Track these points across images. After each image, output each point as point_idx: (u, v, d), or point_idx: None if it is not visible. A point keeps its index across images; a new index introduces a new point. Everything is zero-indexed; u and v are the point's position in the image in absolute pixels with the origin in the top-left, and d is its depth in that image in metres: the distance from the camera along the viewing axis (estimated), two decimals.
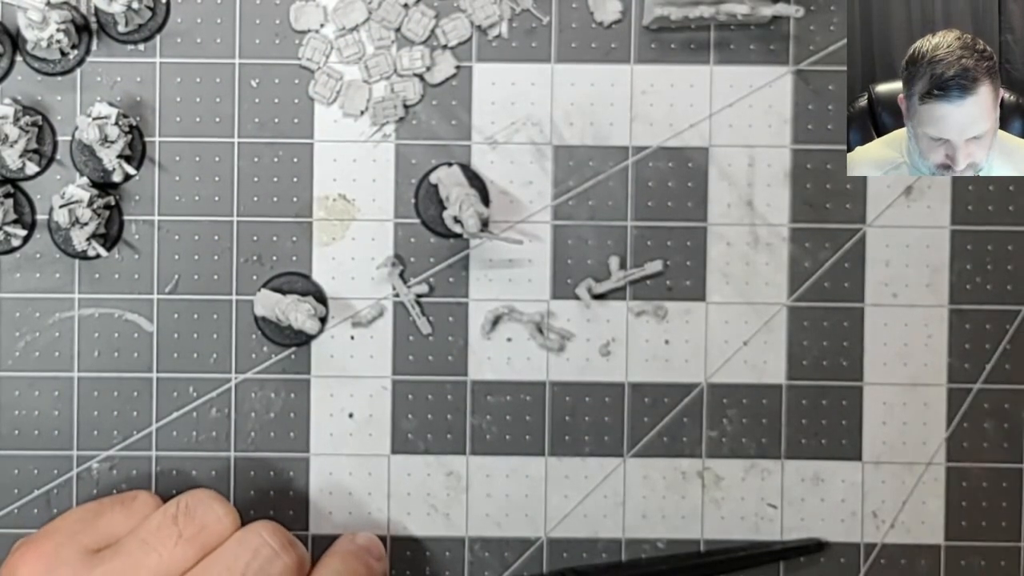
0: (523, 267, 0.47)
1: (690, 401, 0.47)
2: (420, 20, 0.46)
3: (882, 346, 0.47)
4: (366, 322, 0.47)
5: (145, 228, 0.47)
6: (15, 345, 0.47)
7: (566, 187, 0.47)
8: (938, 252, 0.47)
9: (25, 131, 0.45)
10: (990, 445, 0.47)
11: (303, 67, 0.47)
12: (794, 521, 0.47)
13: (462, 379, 0.47)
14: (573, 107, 0.47)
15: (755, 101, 0.47)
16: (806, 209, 0.47)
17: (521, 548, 0.47)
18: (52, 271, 0.47)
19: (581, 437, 0.47)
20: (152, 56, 0.46)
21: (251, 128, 0.47)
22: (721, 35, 0.47)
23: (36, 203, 0.46)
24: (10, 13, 0.46)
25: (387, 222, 0.47)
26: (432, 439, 0.47)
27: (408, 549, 0.47)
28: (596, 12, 0.47)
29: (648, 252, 0.47)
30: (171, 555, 0.40)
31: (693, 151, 0.47)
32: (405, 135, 0.47)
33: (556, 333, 0.47)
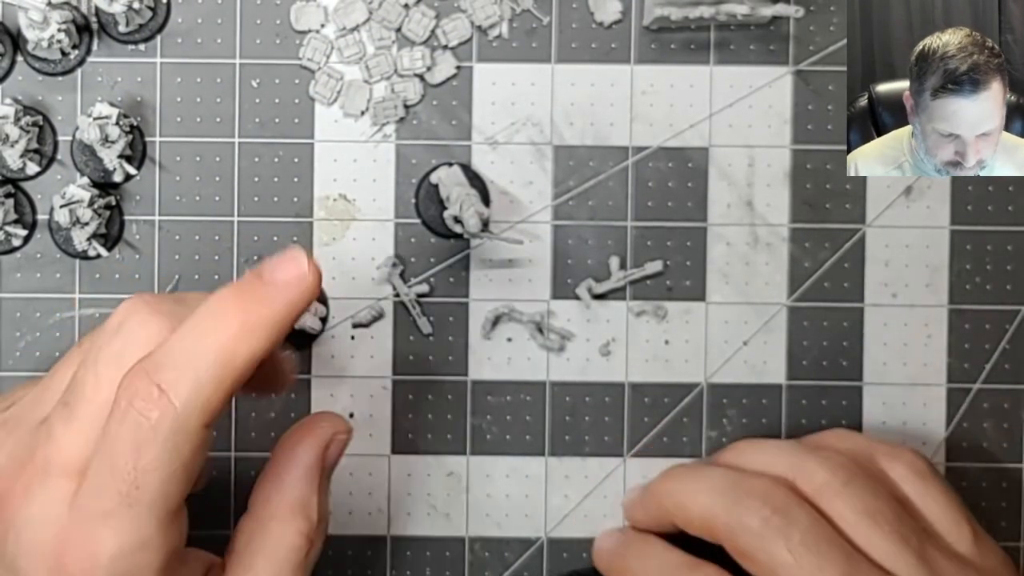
0: (523, 267, 0.47)
1: (690, 401, 0.47)
2: (420, 20, 0.46)
3: (882, 346, 0.47)
4: (366, 322, 0.47)
5: (146, 228, 0.47)
6: (15, 345, 0.47)
7: (566, 187, 0.47)
8: (938, 252, 0.47)
9: (26, 131, 0.45)
10: (990, 445, 0.47)
11: (304, 67, 0.47)
12: None
13: (462, 379, 0.47)
14: (573, 107, 0.47)
15: (755, 101, 0.47)
16: (806, 209, 0.47)
17: (521, 548, 0.47)
18: (53, 271, 0.47)
19: (581, 437, 0.47)
20: (153, 56, 0.47)
21: (251, 128, 0.47)
22: (721, 35, 0.47)
23: (37, 203, 0.46)
24: (11, 13, 0.46)
25: (387, 222, 0.47)
26: (432, 439, 0.47)
27: (408, 549, 0.47)
28: (596, 12, 0.47)
29: (648, 252, 0.47)
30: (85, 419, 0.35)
31: (693, 151, 0.47)
32: (405, 135, 0.47)
33: (556, 333, 0.47)
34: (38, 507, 0.34)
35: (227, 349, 0.33)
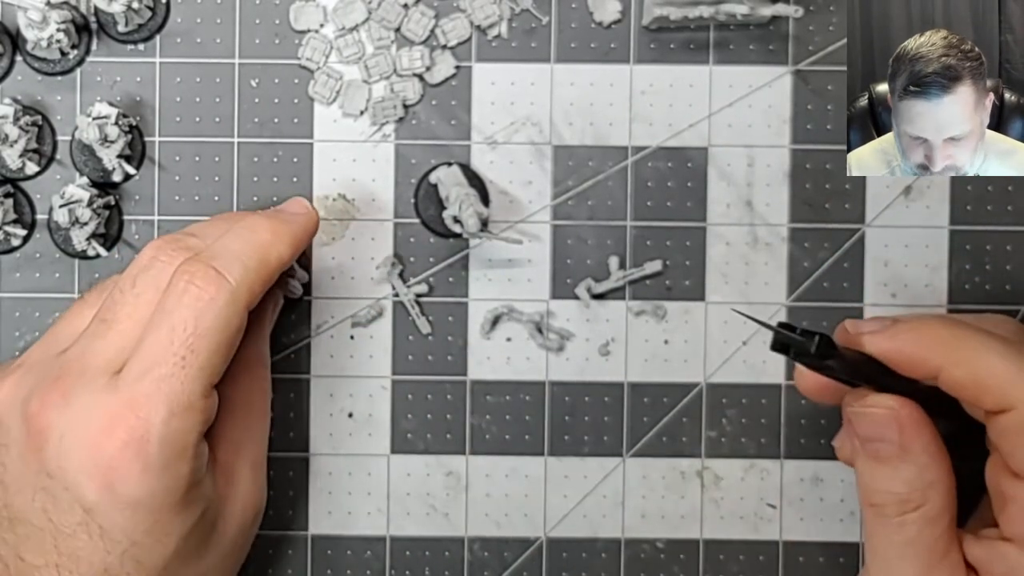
0: (523, 267, 0.47)
1: (689, 401, 0.47)
2: (420, 20, 0.46)
3: None
4: (366, 322, 0.47)
5: (145, 228, 0.47)
6: (15, 345, 0.47)
7: (565, 187, 0.47)
8: (937, 252, 0.47)
9: (25, 131, 0.45)
10: None
11: (303, 67, 0.47)
12: (793, 521, 0.47)
13: (462, 379, 0.47)
14: (573, 107, 0.47)
15: (754, 101, 0.47)
16: (805, 209, 0.47)
17: (521, 548, 0.47)
18: (52, 271, 0.47)
19: (580, 437, 0.47)
20: (152, 56, 0.47)
21: (251, 128, 0.47)
22: (721, 35, 0.47)
23: (36, 203, 0.46)
24: (10, 13, 0.46)
25: (387, 222, 0.47)
26: (432, 439, 0.47)
27: (408, 549, 0.47)
28: (596, 12, 0.47)
29: (648, 252, 0.47)
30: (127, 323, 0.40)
31: (692, 151, 0.47)
32: (405, 135, 0.47)
33: (556, 333, 0.47)
34: (79, 403, 0.38)
35: (264, 248, 0.41)
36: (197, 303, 0.38)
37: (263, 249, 0.40)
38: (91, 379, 0.39)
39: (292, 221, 0.42)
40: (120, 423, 0.37)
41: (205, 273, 0.39)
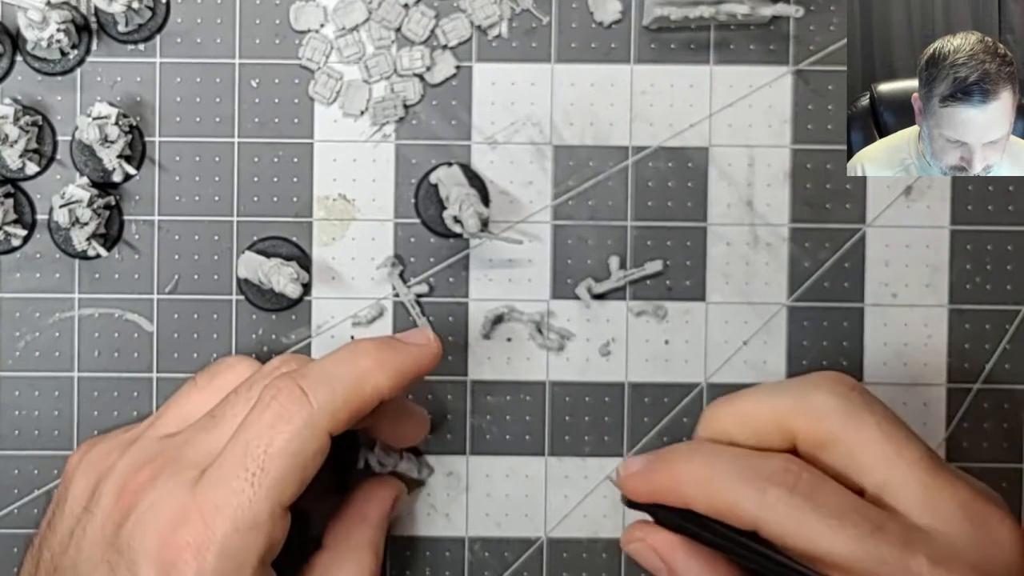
0: (523, 267, 0.47)
1: (690, 401, 0.47)
2: (420, 20, 0.46)
3: (882, 346, 0.47)
4: (366, 322, 0.47)
5: (145, 228, 0.47)
6: (15, 345, 0.47)
7: (566, 187, 0.47)
8: (938, 252, 0.47)
9: (25, 131, 0.45)
10: (990, 445, 0.47)
11: (303, 67, 0.47)
12: None
13: (462, 379, 0.47)
14: (573, 107, 0.47)
15: (755, 101, 0.47)
16: (806, 209, 0.47)
17: (521, 548, 0.47)
18: (52, 271, 0.47)
19: (581, 437, 0.47)
20: (152, 56, 0.47)
21: (251, 128, 0.47)
22: (721, 35, 0.47)
23: (36, 203, 0.46)
24: (10, 13, 0.46)
25: (387, 222, 0.47)
26: (432, 439, 0.47)
27: (408, 549, 0.47)
28: (596, 12, 0.47)
29: (648, 252, 0.47)
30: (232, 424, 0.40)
31: (693, 151, 0.47)
32: (405, 135, 0.47)
33: (556, 333, 0.47)
34: (163, 490, 0.38)
35: (360, 376, 0.39)
36: (277, 420, 0.38)
37: (359, 376, 0.39)
38: (181, 469, 0.39)
39: (402, 351, 0.40)
40: (189, 523, 0.37)
41: (290, 392, 0.38)
